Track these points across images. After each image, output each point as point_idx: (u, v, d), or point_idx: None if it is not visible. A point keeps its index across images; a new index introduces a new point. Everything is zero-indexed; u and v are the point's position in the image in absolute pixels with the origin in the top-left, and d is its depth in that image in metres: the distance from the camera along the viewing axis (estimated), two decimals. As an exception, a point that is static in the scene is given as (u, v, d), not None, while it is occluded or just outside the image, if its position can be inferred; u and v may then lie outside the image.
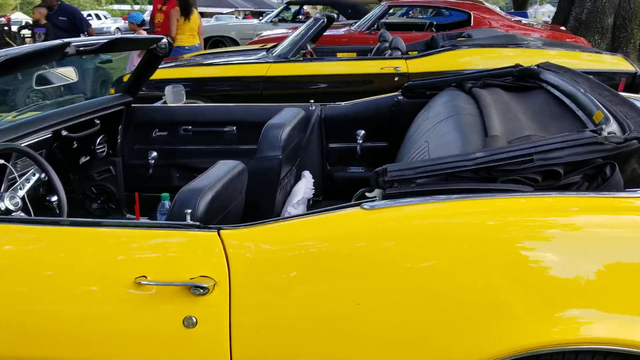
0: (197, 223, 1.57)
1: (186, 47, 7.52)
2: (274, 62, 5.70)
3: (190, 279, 1.51)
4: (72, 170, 3.18)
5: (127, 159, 3.34)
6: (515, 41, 5.55)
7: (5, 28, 8.14)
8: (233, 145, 3.21)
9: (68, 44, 2.26)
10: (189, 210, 1.65)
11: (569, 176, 1.52)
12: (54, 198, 2.83)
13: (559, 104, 2.13)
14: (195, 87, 5.74)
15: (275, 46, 6.35)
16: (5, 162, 2.37)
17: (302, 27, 6.17)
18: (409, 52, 6.18)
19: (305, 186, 2.88)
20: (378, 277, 1.45)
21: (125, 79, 5.99)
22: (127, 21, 8.73)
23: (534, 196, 1.50)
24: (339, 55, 6.88)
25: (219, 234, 1.53)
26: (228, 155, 3.21)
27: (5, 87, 8.05)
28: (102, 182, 3.34)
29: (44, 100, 8.30)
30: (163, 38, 2.90)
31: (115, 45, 2.61)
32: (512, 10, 15.43)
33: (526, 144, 1.54)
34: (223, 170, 2.01)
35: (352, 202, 1.55)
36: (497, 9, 8.81)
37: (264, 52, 6.14)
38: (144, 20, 7.72)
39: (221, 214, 1.96)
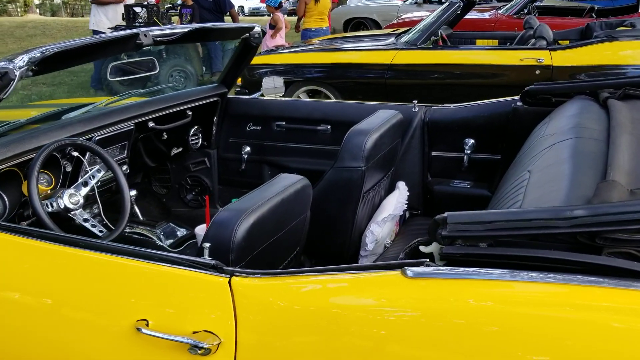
0: (212, 262, 1.31)
1: (313, 30, 7.36)
2: (401, 49, 5.31)
3: (193, 332, 1.26)
4: (170, 159, 3.10)
5: (222, 152, 3.20)
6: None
7: (155, 9, 8.50)
8: (326, 145, 2.92)
9: (137, 34, 2.10)
10: (208, 245, 1.39)
11: None
12: (133, 192, 2.75)
13: None
14: (319, 74, 5.54)
15: (406, 31, 5.93)
16: (80, 156, 2.29)
17: (436, 11, 5.68)
18: (559, 42, 5.44)
19: (396, 200, 2.52)
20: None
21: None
22: (264, 4, 8.74)
23: None
24: (478, 42, 6.29)
25: (229, 282, 1.26)
26: (321, 155, 2.94)
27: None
28: (197, 174, 3.24)
29: (186, 79, 8.66)
30: (254, 27, 2.67)
31: (198, 35, 2.42)
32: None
33: None
34: (278, 187, 1.73)
35: (395, 262, 1.19)
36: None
37: (393, 38, 5.74)
38: (281, 3, 7.65)
39: (271, 239, 1.69)
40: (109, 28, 8.42)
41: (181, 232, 2.65)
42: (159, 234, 2.56)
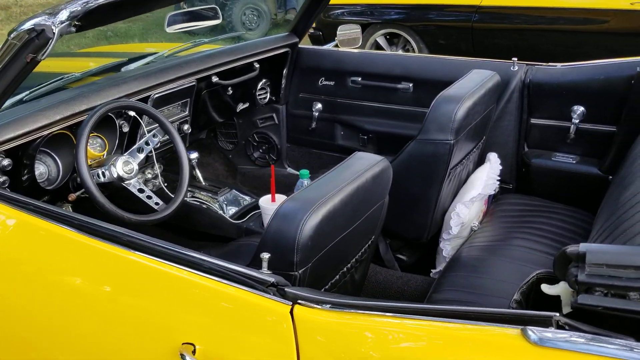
0: (271, 279, 1.07)
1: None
2: (494, -13, 4.78)
3: (246, 367, 1.03)
4: (237, 114, 2.87)
5: (292, 108, 2.93)
6: None
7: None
8: (407, 105, 2.59)
9: None
10: (267, 256, 1.14)
11: None
12: (194, 155, 2.54)
13: None
14: (398, 15, 5.12)
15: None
16: (138, 117, 2.09)
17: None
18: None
19: (487, 176, 2.19)
20: None
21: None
22: None
23: None
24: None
25: (291, 313, 1.01)
26: (400, 117, 2.62)
27: (224, 2, 8.18)
28: (264, 130, 3.01)
29: (259, 18, 8.30)
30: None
31: None
32: None
33: None
34: (353, 171, 1.46)
35: (513, 312, 0.89)
36: None
37: (486, -25, 5.18)
38: None
39: (343, 233, 1.44)
40: None
41: (245, 201, 2.43)
42: (221, 202, 2.36)
